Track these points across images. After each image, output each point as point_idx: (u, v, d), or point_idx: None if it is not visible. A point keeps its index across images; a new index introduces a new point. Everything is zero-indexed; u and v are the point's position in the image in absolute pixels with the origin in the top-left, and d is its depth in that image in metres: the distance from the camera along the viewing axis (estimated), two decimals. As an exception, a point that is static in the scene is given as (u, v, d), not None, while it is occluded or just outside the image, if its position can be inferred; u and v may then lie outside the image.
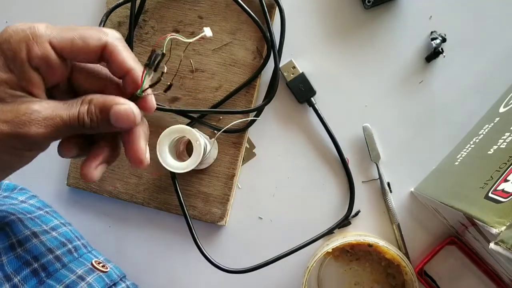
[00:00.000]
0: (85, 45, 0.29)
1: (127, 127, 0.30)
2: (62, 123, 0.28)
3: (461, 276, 0.48)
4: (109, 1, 0.52)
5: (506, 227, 0.27)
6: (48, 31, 0.28)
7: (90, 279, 0.42)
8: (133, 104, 0.30)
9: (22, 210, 0.44)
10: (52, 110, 0.28)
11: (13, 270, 0.37)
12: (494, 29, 0.47)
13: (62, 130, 0.28)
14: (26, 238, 0.40)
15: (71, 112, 0.29)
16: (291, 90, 0.50)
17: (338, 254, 0.50)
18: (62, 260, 0.42)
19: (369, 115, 0.49)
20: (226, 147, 0.50)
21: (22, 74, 0.28)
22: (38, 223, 0.44)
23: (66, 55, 0.29)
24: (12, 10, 0.56)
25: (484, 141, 0.40)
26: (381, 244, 0.45)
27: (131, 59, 0.30)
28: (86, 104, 0.29)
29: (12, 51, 0.27)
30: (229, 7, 0.49)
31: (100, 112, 0.29)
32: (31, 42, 0.27)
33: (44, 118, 0.28)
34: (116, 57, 0.30)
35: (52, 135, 0.28)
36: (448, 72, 0.48)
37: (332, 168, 0.50)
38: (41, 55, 0.28)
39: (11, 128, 0.27)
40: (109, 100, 0.29)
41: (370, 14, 0.48)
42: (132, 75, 0.30)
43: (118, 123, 0.29)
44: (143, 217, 0.54)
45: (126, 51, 0.30)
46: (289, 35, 0.49)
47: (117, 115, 0.29)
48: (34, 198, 0.49)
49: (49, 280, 0.39)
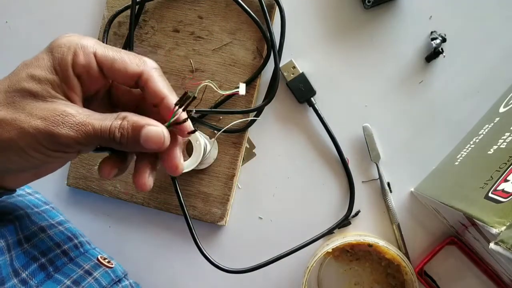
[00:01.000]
0: (123, 68, 0.31)
1: (155, 149, 0.30)
2: (93, 132, 0.29)
3: (461, 276, 0.48)
4: (109, 1, 0.52)
5: (506, 227, 0.27)
6: (95, 45, 0.31)
7: (97, 274, 0.42)
8: (165, 128, 0.31)
9: (29, 203, 0.44)
10: (86, 117, 0.29)
11: (21, 266, 0.38)
12: (494, 29, 0.47)
13: (91, 139, 0.29)
14: (33, 233, 0.41)
15: (104, 123, 0.29)
16: (291, 90, 0.50)
17: (338, 254, 0.50)
18: (69, 255, 0.43)
19: (369, 115, 0.49)
20: (226, 147, 0.50)
21: (65, 78, 0.30)
22: (45, 217, 0.44)
23: (106, 72, 0.31)
24: (12, 10, 0.56)
25: (484, 141, 0.40)
26: (381, 244, 0.45)
27: (165, 88, 0.32)
28: (120, 120, 0.30)
29: (61, 55, 0.30)
30: (229, 7, 0.49)
31: (132, 129, 0.30)
32: (78, 51, 0.30)
33: (77, 123, 0.29)
34: (152, 85, 0.32)
35: (80, 140, 0.29)
36: (448, 72, 0.48)
37: (332, 168, 0.50)
38: (85, 63, 0.30)
39: (45, 125, 0.28)
40: (143, 120, 0.30)
41: (370, 14, 0.48)
42: (166, 102, 0.32)
43: (146, 143, 0.30)
44: (143, 217, 0.54)
45: (161, 81, 0.32)
46: (289, 35, 0.49)
47: (147, 135, 0.30)
48: (38, 193, 0.50)
49: (57, 275, 0.39)
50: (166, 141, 0.31)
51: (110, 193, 0.52)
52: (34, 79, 0.29)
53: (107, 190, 0.52)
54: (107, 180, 0.52)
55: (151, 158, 0.34)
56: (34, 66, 0.30)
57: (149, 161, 0.33)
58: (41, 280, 0.38)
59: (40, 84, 0.29)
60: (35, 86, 0.29)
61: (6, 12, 0.56)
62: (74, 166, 0.53)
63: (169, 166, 0.33)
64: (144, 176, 0.32)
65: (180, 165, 0.33)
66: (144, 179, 0.32)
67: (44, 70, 0.29)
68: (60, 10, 0.55)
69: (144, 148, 0.30)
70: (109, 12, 0.52)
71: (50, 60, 0.30)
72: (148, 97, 0.32)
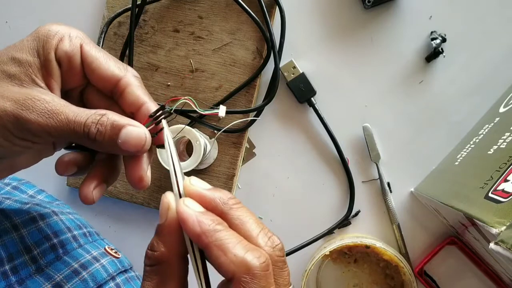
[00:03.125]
0: (105, 68, 0.30)
1: (133, 151, 0.28)
2: (66, 123, 0.27)
3: (461, 276, 0.48)
4: (109, 1, 0.52)
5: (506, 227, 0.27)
6: (84, 39, 0.30)
7: (104, 261, 0.43)
8: (147, 130, 0.29)
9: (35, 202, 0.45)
10: (60, 106, 0.27)
11: (34, 242, 0.38)
12: (494, 29, 0.47)
13: (62, 131, 0.27)
14: (47, 214, 0.42)
15: (80, 116, 0.27)
16: (292, 90, 0.50)
17: (336, 257, 0.50)
18: (78, 241, 0.43)
19: (369, 115, 0.49)
20: (226, 147, 0.50)
21: (46, 61, 0.28)
22: (55, 206, 0.45)
23: (87, 68, 0.30)
24: (12, 10, 0.56)
25: (484, 141, 0.40)
26: (378, 245, 0.45)
27: (145, 95, 0.31)
28: (99, 115, 0.28)
29: (46, 37, 0.28)
30: (229, 7, 0.49)
31: (112, 128, 0.28)
32: (66, 37, 0.29)
33: (48, 110, 0.27)
34: (131, 90, 0.30)
35: (50, 130, 0.27)
36: (448, 72, 0.48)
37: (332, 168, 0.50)
38: (69, 50, 0.29)
39: (14, 107, 0.26)
40: (124, 120, 0.28)
41: (370, 14, 0.48)
42: (145, 108, 0.30)
43: (125, 144, 0.28)
44: (143, 217, 0.54)
45: (141, 88, 0.31)
46: (289, 35, 0.49)
47: (127, 136, 0.28)
48: (42, 192, 0.50)
49: (66, 257, 0.40)
50: (147, 144, 0.29)
51: (110, 193, 0.52)
52: (14, 62, 0.28)
53: (107, 190, 0.52)
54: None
55: (106, 169, 0.31)
56: (17, 48, 0.28)
57: (102, 171, 0.31)
58: (50, 260, 0.39)
59: (19, 66, 0.28)
60: (14, 68, 0.28)
61: (6, 12, 0.56)
62: (74, 166, 0.53)
63: (133, 177, 0.30)
64: (89, 187, 0.30)
65: (145, 178, 0.30)
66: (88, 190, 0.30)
67: (26, 52, 0.28)
68: (60, 10, 0.55)
69: (120, 149, 0.28)
70: (109, 12, 0.52)
71: (34, 42, 0.28)
72: (126, 104, 0.30)
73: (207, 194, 0.26)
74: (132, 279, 0.46)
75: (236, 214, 0.26)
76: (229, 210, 0.26)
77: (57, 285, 0.37)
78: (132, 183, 0.30)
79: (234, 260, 0.23)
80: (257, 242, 0.25)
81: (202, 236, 0.24)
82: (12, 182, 0.49)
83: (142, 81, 0.32)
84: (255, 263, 0.23)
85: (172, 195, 0.26)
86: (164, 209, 0.26)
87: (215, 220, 0.25)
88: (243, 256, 0.23)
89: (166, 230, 0.26)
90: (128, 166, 0.30)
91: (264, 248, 0.25)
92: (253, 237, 0.25)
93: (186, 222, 0.24)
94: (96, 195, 0.30)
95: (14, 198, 0.44)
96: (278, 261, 0.26)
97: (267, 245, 0.25)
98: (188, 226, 0.24)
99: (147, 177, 0.30)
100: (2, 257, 0.35)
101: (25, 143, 0.28)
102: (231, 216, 0.26)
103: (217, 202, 0.26)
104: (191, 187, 0.26)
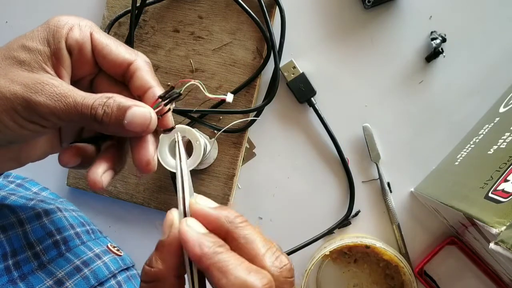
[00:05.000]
0: (116, 53, 0.30)
1: (139, 131, 0.29)
2: (73, 106, 0.27)
3: (461, 276, 0.48)
4: (109, 1, 0.52)
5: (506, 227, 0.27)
6: (94, 27, 0.31)
7: (106, 259, 0.43)
8: (152, 110, 0.29)
9: (40, 199, 0.45)
10: (69, 90, 0.28)
11: (37, 239, 0.39)
12: (494, 29, 0.47)
13: (70, 113, 0.27)
14: (52, 210, 0.42)
15: (87, 99, 0.28)
16: (292, 90, 0.50)
17: (336, 256, 0.50)
18: (81, 238, 0.43)
19: (369, 115, 0.49)
20: (226, 147, 0.50)
21: (56, 50, 0.29)
22: (59, 203, 0.46)
23: (97, 54, 0.30)
24: (12, 10, 0.56)
25: (484, 141, 0.40)
26: (378, 245, 0.45)
27: (153, 80, 0.31)
28: (106, 98, 0.28)
29: (56, 27, 0.29)
30: (229, 7, 0.49)
31: (118, 109, 0.28)
32: (76, 27, 0.30)
33: (57, 93, 0.27)
34: (140, 75, 0.31)
35: (58, 112, 0.27)
36: (448, 72, 0.48)
37: (332, 168, 0.50)
38: (79, 38, 0.30)
39: (23, 90, 0.27)
40: (130, 101, 0.29)
41: (370, 14, 0.48)
42: (151, 92, 0.31)
43: (131, 125, 0.28)
44: (143, 217, 0.54)
45: (150, 73, 0.31)
46: (289, 35, 0.49)
47: (133, 116, 0.28)
48: (46, 190, 0.51)
49: (68, 254, 0.40)
50: (152, 123, 0.29)
51: (110, 193, 0.52)
52: (25, 49, 0.29)
53: (107, 190, 0.52)
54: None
55: (115, 153, 0.31)
56: (28, 37, 0.29)
57: (109, 158, 0.31)
58: (52, 257, 0.39)
59: (29, 54, 0.28)
60: (24, 55, 0.28)
61: (6, 12, 0.56)
62: (74, 166, 0.53)
63: (141, 161, 0.30)
64: (97, 172, 0.29)
65: (152, 161, 0.30)
66: (96, 175, 0.29)
67: (36, 41, 0.29)
68: (60, 10, 0.55)
69: (127, 130, 0.28)
70: (109, 12, 0.52)
71: (45, 32, 0.29)
72: (134, 88, 0.31)
73: (212, 213, 0.26)
74: (134, 277, 0.46)
75: (243, 233, 0.25)
76: (235, 229, 0.25)
77: (58, 282, 0.37)
78: (139, 167, 0.30)
79: (234, 283, 0.23)
80: (263, 261, 0.24)
81: (202, 258, 0.23)
82: (16, 180, 0.50)
83: (152, 67, 0.32)
84: (257, 284, 0.23)
85: (177, 213, 0.26)
86: (167, 226, 0.26)
87: (217, 242, 0.24)
88: (245, 278, 0.23)
89: (166, 248, 0.26)
90: (135, 150, 0.30)
91: (270, 268, 0.24)
92: (259, 256, 0.25)
93: (187, 243, 0.24)
94: (105, 179, 0.30)
95: (19, 194, 0.44)
96: (285, 282, 0.25)
97: (274, 265, 0.24)
98: (189, 247, 0.24)
99: (154, 160, 0.30)
100: (6, 251, 0.36)
101: (34, 127, 0.28)
102: (237, 235, 0.25)
103: (222, 221, 0.25)
104: (196, 205, 0.26)
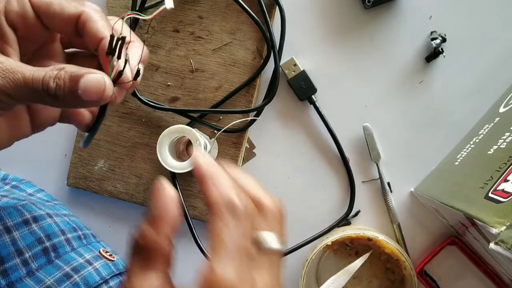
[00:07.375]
0: (60, 9, 0.28)
1: (95, 100, 0.27)
2: (23, 81, 0.26)
3: (461, 276, 0.48)
4: (109, 1, 0.52)
5: (506, 227, 0.27)
6: None
7: (97, 264, 0.43)
8: (106, 75, 0.27)
9: (32, 201, 0.45)
10: (16, 66, 0.26)
11: (26, 245, 0.38)
12: (494, 29, 0.47)
13: (21, 90, 0.26)
14: (41, 216, 0.41)
15: (37, 73, 0.26)
16: (292, 88, 0.50)
17: (337, 248, 0.50)
18: (72, 244, 0.43)
19: (369, 115, 0.49)
20: (226, 147, 0.50)
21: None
22: (51, 207, 0.45)
23: (43, 17, 0.28)
24: None
25: (484, 141, 0.40)
26: (380, 238, 0.45)
27: (105, 28, 0.28)
28: (57, 70, 0.26)
29: None
30: (229, 7, 0.49)
31: (70, 79, 0.26)
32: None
33: (3, 69, 0.25)
34: (90, 26, 0.28)
35: (8, 90, 0.26)
36: (448, 72, 0.48)
37: (332, 167, 0.50)
38: (19, 10, 0.27)
39: None
40: (82, 70, 0.27)
41: (370, 14, 0.48)
42: (104, 43, 0.28)
43: (85, 94, 0.26)
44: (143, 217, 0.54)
45: (102, 21, 0.28)
46: (289, 35, 0.49)
47: (86, 84, 0.26)
48: (41, 191, 0.50)
49: (58, 261, 0.40)
50: (107, 89, 0.27)
51: (110, 193, 0.52)
52: None
53: (107, 190, 0.52)
54: (107, 180, 0.52)
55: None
56: None
57: None
58: (42, 264, 0.38)
59: None
60: None
61: None
62: (74, 166, 0.53)
63: None
64: None
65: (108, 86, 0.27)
66: None
67: None
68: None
69: (82, 100, 0.26)
70: (109, 12, 0.52)
71: None
72: (88, 42, 0.29)
73: None
74: None
75: None
76: None
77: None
78: None
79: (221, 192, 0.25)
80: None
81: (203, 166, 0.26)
82: (12, 181, 0.49)
83: (104, 14, 0.29)
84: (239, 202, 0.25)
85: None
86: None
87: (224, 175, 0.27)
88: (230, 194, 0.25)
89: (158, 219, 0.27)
90: None
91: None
92: None
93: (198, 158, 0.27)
94: None
95: (11, 196, 0.43)
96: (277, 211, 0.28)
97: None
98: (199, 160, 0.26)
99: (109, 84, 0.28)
100: None
101: None
102: None
103: None
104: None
